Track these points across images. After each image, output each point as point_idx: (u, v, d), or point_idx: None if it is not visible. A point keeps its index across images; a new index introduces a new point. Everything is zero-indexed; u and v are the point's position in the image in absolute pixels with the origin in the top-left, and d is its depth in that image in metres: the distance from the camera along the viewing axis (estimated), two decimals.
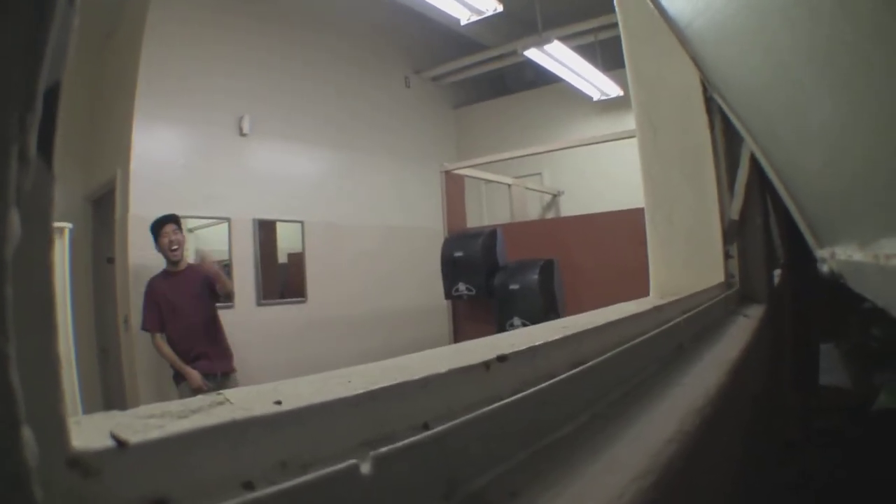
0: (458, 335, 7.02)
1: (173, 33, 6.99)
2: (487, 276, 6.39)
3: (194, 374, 5.53)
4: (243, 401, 0.67)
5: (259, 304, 7.68)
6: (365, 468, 0.53)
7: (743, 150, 2.61)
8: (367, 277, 9.11)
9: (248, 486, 0.46)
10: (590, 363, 0.98)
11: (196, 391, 5.33)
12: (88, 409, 5.46)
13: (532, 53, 7.88)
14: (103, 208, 7.21)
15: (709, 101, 2.47)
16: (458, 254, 6.55)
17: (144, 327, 5.74)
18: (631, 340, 1.21)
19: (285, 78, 8.32)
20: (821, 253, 1.69)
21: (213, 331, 5.92)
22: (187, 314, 5.74)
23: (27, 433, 0.33)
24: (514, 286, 6.10)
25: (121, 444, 0.41)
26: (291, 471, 0.50)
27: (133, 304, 6.30)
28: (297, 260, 8.38)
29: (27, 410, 0.32)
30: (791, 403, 3.55)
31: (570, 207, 9.86)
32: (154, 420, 0.57)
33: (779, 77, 1.22)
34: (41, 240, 0.35)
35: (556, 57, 7.97)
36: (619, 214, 5.98)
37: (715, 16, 1.43)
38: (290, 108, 8.37)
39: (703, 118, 2.48)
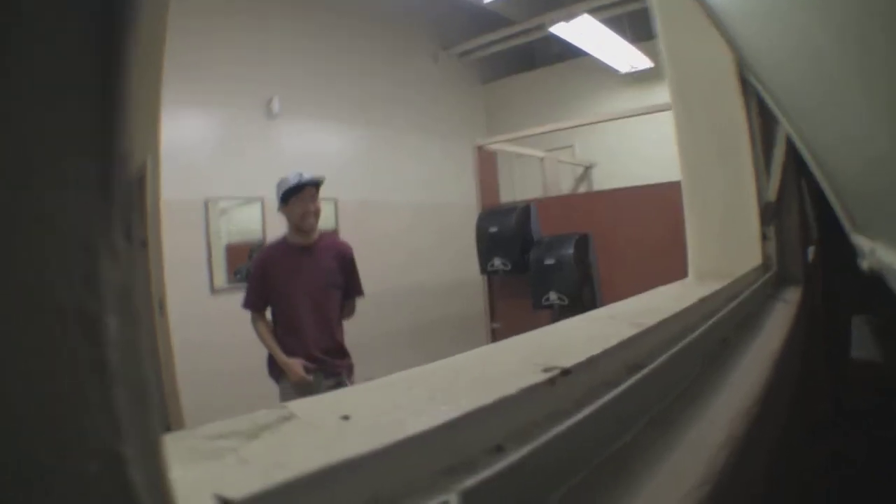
0: (495, 311, 7.04)
1: (199, 15, 6.99)
2: (522, 251, 6.40)
3: (294, 365, 4.75)
4: (309, 414, 0.69)
5: None
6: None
7: (778, 132, 2.59)
8: (401, 254, 9.15)
9: None
10: (645, 369, 0.99)
11: (298, 385, 4.77)
12: None
13: (559, 28, 7.83)
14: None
15: (743, 82, 2.46)
16: (493, 229, 6.56)
17: (245, 304, 4.93)
18: (680, 338, 1.22)
19: (314, 58, 8.32)
20: (858, 240, 1.68)
21: (333, 326, 5.16)
22: (309, 296, 4.94)
23: None
24: (549, 261, 6.11)
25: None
26: None
27: (166, 290, 6.33)
28: None
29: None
30: (823, 379, 3.53)
31: (603, 179, 9.83)
32: (225, 442, 0.59)
33: (816, 59, 1.21)
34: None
35: (584, 31, 7.91)
36: (653, 189, 5.94)
37: None
38: (320, 88, 8.38)
39: (738, 99, 2.47)
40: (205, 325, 6.59)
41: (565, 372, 0.80)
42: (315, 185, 5.08)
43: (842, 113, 1.27)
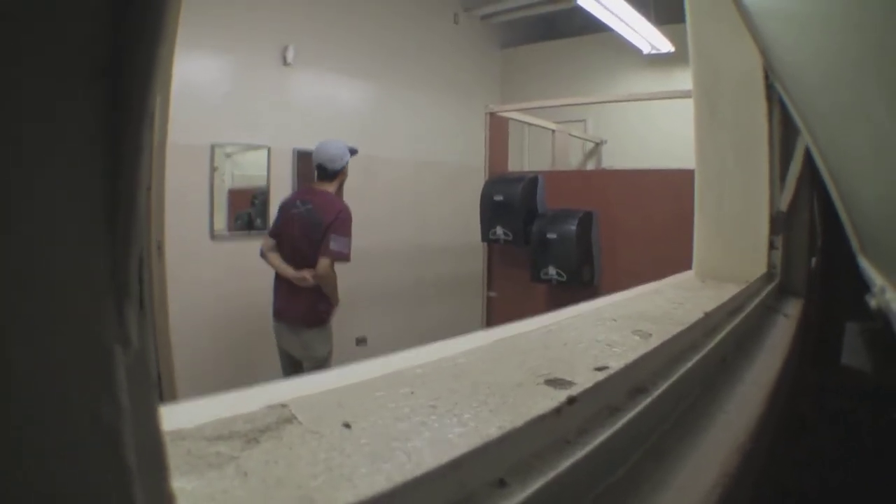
0: (492, 279, 7.05)
1: None
2: (525, 222, 6.36)
3: None
4: (310, 418, 0.68)
5: None
6: None
7: (798, 143, 2.58)
8: (403, 211, 9.18)
9: None
10: (647, 396, 0.99)
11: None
12: None
13: (585, 1, 7.73)
14: None
15: (769, 89, 2.44)
16: (498, 197, 6.51)
17: (349, 257, 5.27)
18: (682, 360, 1.22)
19: (333, 9, 8.23)
20: (865, 265, 1.67)
21: None
22: None
23: None
24: (551, 235, 6.08)
25: None
26: None
27: (167, 231, 6.29)
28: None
29: None
30: (810, 379, 3.52)
31: (612, 157, 9.81)
32: (224, 446, 0.58)
33: (844, 78, 1.20)
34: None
35: (609, 5, 7.81)
36: (663, 174, 5.90)
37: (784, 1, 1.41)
38: (336, 40, 8.31)
39: (762, 105, 2.45)
40: (203, 270, 6.60)
41: (571, 400, 0.80)
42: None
43: (866, 136, 1.26)
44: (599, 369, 0.93)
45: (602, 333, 1.20)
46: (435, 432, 0.66)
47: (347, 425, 0.67)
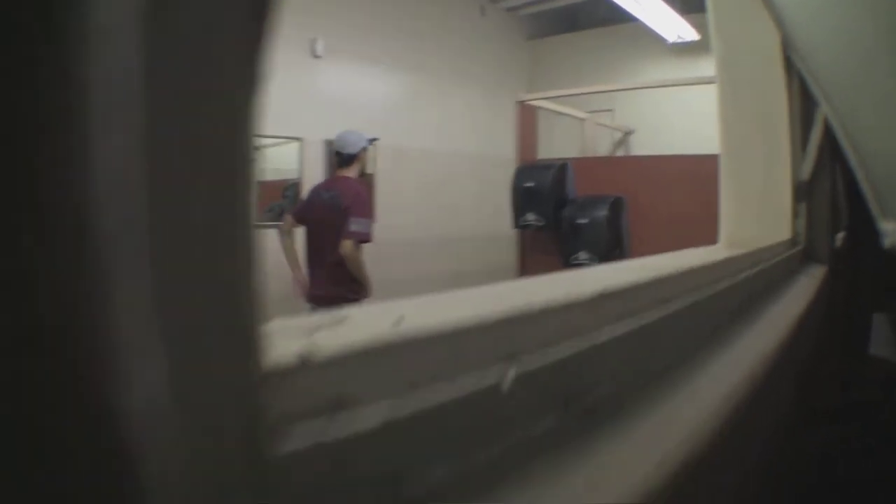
0: (525, 265, 7.05)
1: None
2: (556, 208, 6.39)
3: None
4: (362, 317, 0.75)
5: None
6: (504, 385, 0.62)
7: (817, 113, 2.63)
8: (434, 202, 9.25)
9: (413, 385, 0.55)
10: (674, 304, 1.06)
11: None
12: None
13: None
14: None
15: (787, 61, 2.49)
16: (529, 184, 6.53)
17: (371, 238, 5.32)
18: (706, 286, 1.29)
19: (360, 1, 8.32)
20: (885, 225, 1.73)
21: None
22: None
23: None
24: (582, 220, 6.10)
25: (305, 361, 0.48)
26: (442, 377, 0.58)
27: None
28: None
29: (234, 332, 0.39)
30: (836, 368, 3.52)
31: (641, 147, 9.82)
32: (280, 340, 0.65)
33: (858, 45, 1.24)
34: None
35: None
36: (691, 160, 5.90)
37: None
38: (365, 32, 8.39)
39: (781, 78, 2.49)
40: None
41: (606, 295, 0.87)
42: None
43: (881, 99, 1.30)
44: None
45: (628, 275, 1.28)
46: (479, 312, 0.73)
47: (399, 320, 0.73)
